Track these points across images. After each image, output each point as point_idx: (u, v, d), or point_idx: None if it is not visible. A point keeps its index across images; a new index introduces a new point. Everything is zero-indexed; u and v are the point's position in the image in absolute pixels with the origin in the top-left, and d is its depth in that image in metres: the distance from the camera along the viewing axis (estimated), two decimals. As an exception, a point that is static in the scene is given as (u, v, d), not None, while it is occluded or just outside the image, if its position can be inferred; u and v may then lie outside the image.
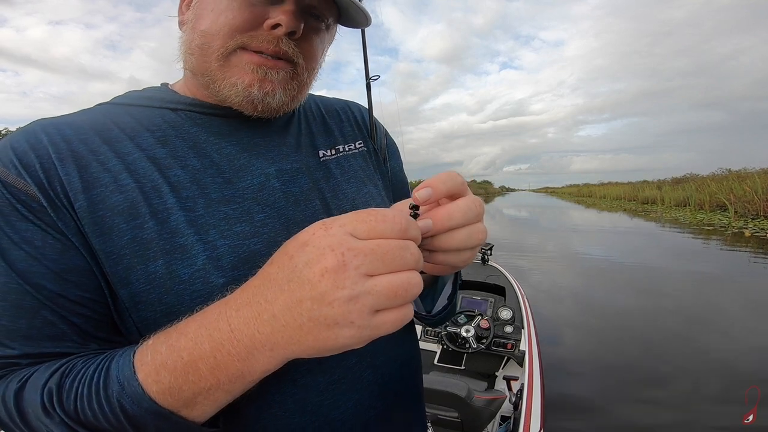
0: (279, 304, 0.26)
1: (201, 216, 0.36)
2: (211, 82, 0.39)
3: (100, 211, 0.34)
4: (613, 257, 7.50)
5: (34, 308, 0.32)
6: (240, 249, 0.36)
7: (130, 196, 0.35)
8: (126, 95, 0.43)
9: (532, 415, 1.59)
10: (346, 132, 0.52)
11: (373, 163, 0.53)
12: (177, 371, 0.28)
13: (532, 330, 2.30)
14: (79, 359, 0.32)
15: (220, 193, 0.38)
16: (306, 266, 0.25)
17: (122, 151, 0.37)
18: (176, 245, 0.34)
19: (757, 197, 12.98)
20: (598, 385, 2.71)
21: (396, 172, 0.57)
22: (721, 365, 2.92)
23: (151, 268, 0.34)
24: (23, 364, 0.32)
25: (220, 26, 0.37)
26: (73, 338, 0.33)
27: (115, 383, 0.29)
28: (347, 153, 0.50)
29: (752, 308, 4.25)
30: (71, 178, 0.34)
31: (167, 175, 0.37)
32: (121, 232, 0.34)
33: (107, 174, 0.35)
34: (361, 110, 0.57)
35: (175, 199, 0.36)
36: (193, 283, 0.34)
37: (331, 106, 0.54)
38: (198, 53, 0.39)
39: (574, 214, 22.14)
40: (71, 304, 0.33)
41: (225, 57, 0.38)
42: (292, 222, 0.40)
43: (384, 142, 0.56)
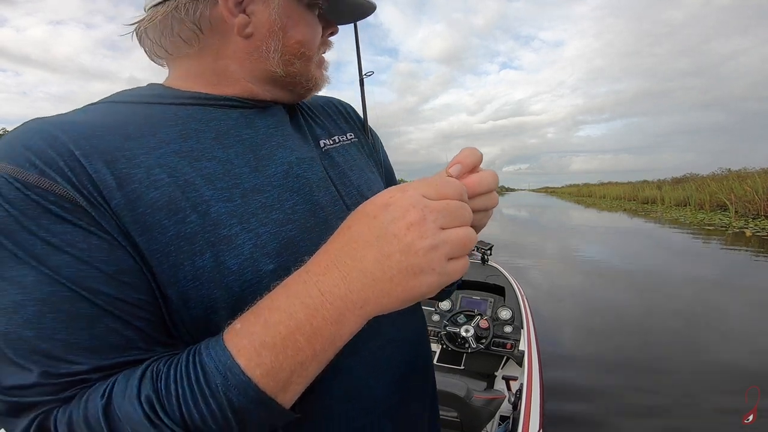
0: (369, 260, 0.28)
1: (239, 206, 0.36)
2: (304, 81, 0.45)
3: (139, 208, 0.32)
4: (614, 257, 7.50)
5: (93, 316, 0.29)
6: (279, 235, 0.37)
7: (167, 191, 0.33)
8: (124, 93, 0.42)
9: (531, 415, 1.59)
10: (336, 124, 0.55)
11: (366, 153, 0.56)
12: (277, 348, 0.28)
13: (531, 330, 2.31)
14: (158, 361, 0.30)
15: (251, 182, 0.38)
16: (392, 223, 0.28)
17: (147, 146, 0.35)
18: (221, 236, 0.34)
19: (758, 197, 12.97)
20: (598, 385, 2.71)
21: (385, 161, 0.62)
22: (721, 365, 2.92)
23: (198, 262, 0.33)
24: (93, 379, 0.29)
25: (312, 37, 0.44)
26: (139, 344, 0.31)
27: (216, 375, 0.27)
28: (343, 143, 0.52)
29: (753, 308, 4.24)
30: (102, 175, 0.31)
31: (198, 168, 0.36)
32: (164, 229, 0.32)
33: (138, 170, 0.33)
34: (343, 104, 0.60)
35: (211, 191, 0.35)
36: (242, 273, 0.34)
37: (316, 102, 0.56)
38: (301, 60, 0.44)
39: (573, 213, 22.14)
40: (131, 307, 0.31)
41: (317, 62, 0.46)
42: (318, 207, 0.42)
43: (372, 135, 0.60)
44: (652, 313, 4.19)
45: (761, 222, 11.17)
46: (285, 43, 0.42)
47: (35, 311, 0.28)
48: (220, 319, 0.33)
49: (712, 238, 9.26)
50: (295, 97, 0.48)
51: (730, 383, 2.62)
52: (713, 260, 6.93)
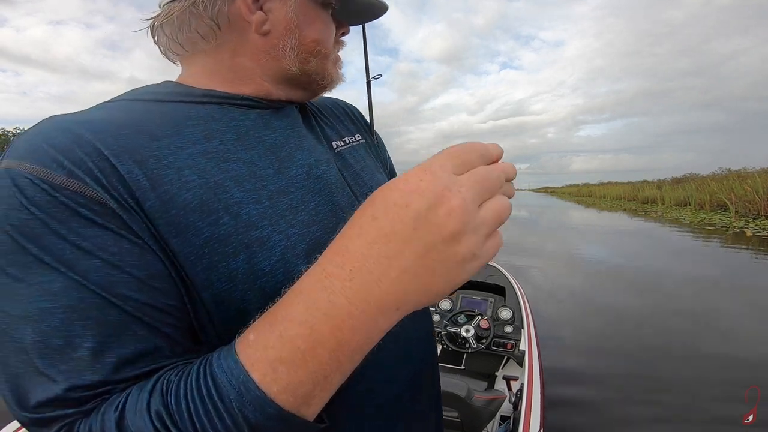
0: (408, 256, 0.24)
1: (268, 207, 0.36)
2: (320, 79, 0.46)
3: (173, 210, 0.31)
4: (614, 257, 7.50)
5: (122, 323, 0.28)
6: (307, 236, 0.37)
7: (198, 192, 0.33)
8: (138, 91, 0.40)
9: (532, 415, 1.59)
10: (344, 126, 0.55)
11: (373, 153, 0.57)
12: (296, 363, 0.25)
13: (531, 330, 2.30)
14: (168, 372, 0.28)
15: (276, 184, 0.38)
16: (429, 211, 0.24)
17: (174, 145, 0.34)
18: (254, 238, 0.34)
19: (758, 197, 12.97)
20: (598, 385, 2.71)
21: (388, 162, 0.63)
22: (721, 365, 2.92)
23: (232, 264, 0.32)
24: (120, 389, 0.27)
25: (328, 36, 0.45)
26: (166, 352, 0.30)
27: (230, 390, 0.25)
28: (353, 144, 0.53)
29: (754, 308, 4.24)
30: (134, 175, 0.30)
31: (225, 169, 0.35)
32: (198, 231, 0.31)
33: (169, 170, 0.32)
34: (349, 106, 0.61)
35: (241, 193, 0.35)
36: (274, 274, 0.34)
37: (324, 103, 0.57)
38: (318, 58, 0.44)
39: (573, 213, 22.13)
40: (160, 313, 0.30)
41: (333, 60, 0.47)
42: (338, 207, 0.42)
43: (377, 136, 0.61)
44: (652, 313, 4.19)
45: (761, 222, 11.16)
46: (301, 41, 0.43)
47: (63, 318, 0.26)
48: (250, 320, 0.31)
49: (712, 238, 9.26)
50: (309, 95, 0.48)
51: (730, 383, 2.62)
52: (714, 260, 6.93)
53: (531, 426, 1.53)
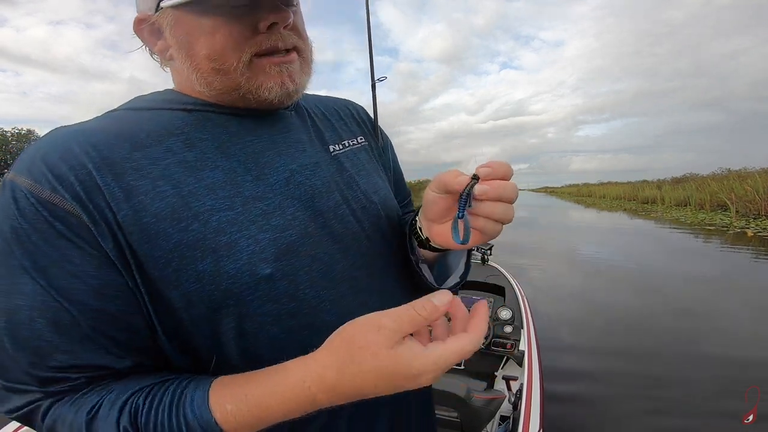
0: (379, 388, 0.31)
1: (240, 213, 0.38)
2: (247, 93, 0.41)
3: (144, 218, 0.35)
4: (614, 257, 7.50)
5: (73, 324, 0.34)
6: (279, 241, 0.39)
7: (170, 201, 0.36)
8: (136, 100, 0.44)
9: (532, 415, 1.59)
10: (347, 128, 0.55)
11: (375, 156, 0.57)
12: (253, 424, 0.33)
13: (531, 330, 2.30)
14: (137, 395, 0.34)
15: (252, 190, 0.40)
16: (415, 379, 0.31)
17: (154, 156, 0.38)
18: (221, 243, 0.36)
19: (759, 197, 12.96)
20: (598, 385, 2.71)
21: (394, 164, 0.62)
22: (721, 365, 2.92)
23: (199, 267, 0.36)
24: (72, 377, 0.34)
25: (224, 44, 0.38)
26: (113, 351, 0.36)
27: (198, 429, 0.32)
28: (353, 147, 0.53)
29: (756, 308, 4.24)
30: (111, 188, 0.34)
31: (201, 177, 0.38)
32: (167, 236, 0.35)
33: (145, 181, 0.36)
34: (357, 107, 0.60)
35: (213, 201, 0.38)
36: (240, 276, 0.37)
37: (330, 105, 0.57)
38: (219, 75, 0.40)
39: (573, 213, 22.13)
40: (110, 317, 0.35)
41: (247, 69, 0.40)
42: (318, 213, 0.44)
43: (382, 137, 0.60)
44: (653, 313, 4.19)
45: (762, 222, 11.15)
46: (195, 62, 0.39)
47: (29, 315, 0.33)
48: (221, 317, 0.37)
49: (714, 238, 9.25)
50: (271, 107, 0.45)
51: (730, 383, 2.62)
52: (716, 260, 6.91)
53: (530, 426, 1.53)
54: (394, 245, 0.52)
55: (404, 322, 0.30)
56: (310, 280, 0.41)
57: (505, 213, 0.37)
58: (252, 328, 0.38)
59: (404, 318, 0.30)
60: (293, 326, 0.40)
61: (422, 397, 0.56)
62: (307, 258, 0.41)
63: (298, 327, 0.40)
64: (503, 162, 0.36)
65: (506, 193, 0.36)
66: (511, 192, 0.36)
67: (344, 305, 0.43)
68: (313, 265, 0.41)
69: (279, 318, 0.39)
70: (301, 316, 0.40)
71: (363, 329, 0.31)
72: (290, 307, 0.39)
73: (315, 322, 0.41)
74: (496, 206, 0.36)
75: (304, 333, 0.40)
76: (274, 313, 0.39)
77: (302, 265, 0.40)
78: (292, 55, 0.42)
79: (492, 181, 0.35)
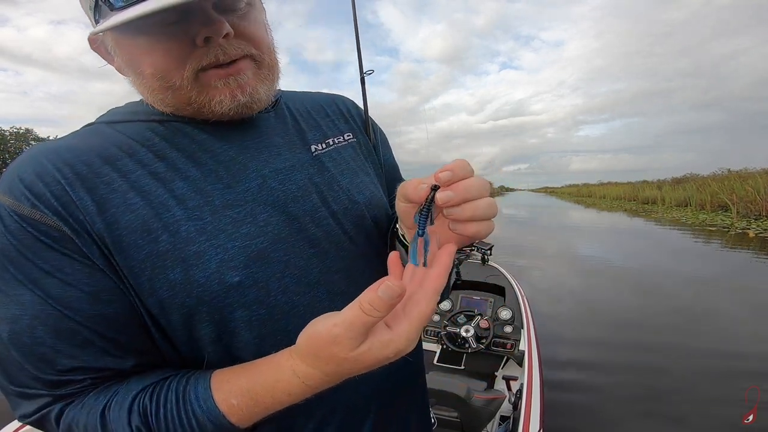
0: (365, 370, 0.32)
1: (209, 223, 0.39)
2: (200, 107, 0.40)
3: (116, 231, 0.36)
4: (614, 257, 7.49)
5: (73, 329, 0.35)
6: (249, 249, 0.39)
7: (141, 213, 0.37)
8: (110, 113, 0.45)
9: (532, 415, 1.59)
10: (334, 125, 0.54)
11: (364, 153, 0.55)
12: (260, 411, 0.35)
13: (531, 330, 2.30)
14: (144, 395, 0.36)
15: (222, 198, 0.40)
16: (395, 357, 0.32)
17: (124, 169, 0.38)
18: (190, 253, 0.37)
19: (760, 197, 12.94)
20: (598, 386, 2.71)
21: (387, 158, 0.60)
22: (721, 365, 2.92)
23: (170, 276, 0.37)
24: (77, 379, 0.36)
25: (164, 63, 0.37)
26: (113, 352, 0.37)
27: (206, 423, 0.34)
28: (338, 145, 0.52)
29: (757, 309, 4.23)
30: (84, 202, 0.36)
31: (171, 189, 0.39)
32: (138, 248, 0.36)
33: (116, 194, 0.37)
34: (346, 102, 0.58)
35: (182, 211, 0.38)
36: (210, 285, 0.37)
37: (316, 102, 0.55)
38: (169, 93, 0.39)
39: (573, 213, 22.12)
40: (107, 321, 0.36)
41: (195, 83, 0.39)
42: (293, 218, 0.43)
43: (374, 132, 0.58)
44: (654, 313, 4.19)
45: (764, 222, 11.13)
46: (144, 80, 0.39)
47: (29, 324, 0.34)
48: (196, 323, 0.38)
49: (715, 238, 9.23)
50: (245, 113, 0.42)
51: (730, 383, 2.62)
52: (718, 261, 6.90)
53: (531, 426, 1.53)
54: (380, 246, 0.51)
55: (356, 328, 0.29)
56: (283, 286, 0.41)
57: (489, 207, 0.34)
58: (227, 333, 0.39)
59: (356, 324, 0.29)
60: (267, 332, 0.40)
61: (417, 402, 0.56)
62: (280, 264, 0.41)
63: (271, 332, 0.41)
64: (461, 160, 0.34)
65: (473, 191, 0.33)
66: (478, 188, 0.33)
67: (320, 309, 0.41)
68: (285, 271, 0.41)
69: (251, 324, 0.40)
70: (273, 322, 0.41)
71: (320, 343, 0.31)
72: (261, 313, 0.40)
73: (289, 327, 0.41)
74: (477, 205, 0.33)
75: (278, 338, 0.41)
76: (246, 319, 0.39)
77: (274, 271, 0.41)
78: (240, 64, 0.39)
79: (455, 185, 0.33)
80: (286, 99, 0.53)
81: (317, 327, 0.31)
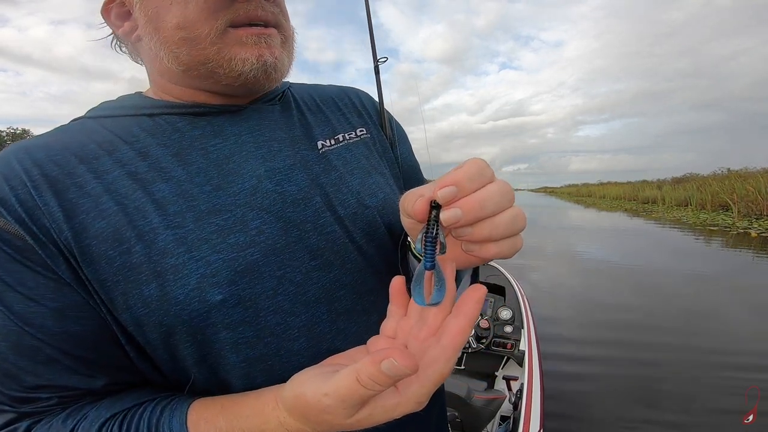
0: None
1: (191, 231, 0.34)
2: (216, 67, 0.37)
3: (85, 240, 0.33)
4: (615, 258, 7.49)
5: (36, 347, 0.33)
6: (236, 262, 0.35)
7: (113, 220, 0.33)
8: (99, 107, 0.42)
9: (532, 415, 1.59)
10: (345, 119, 0.49)
11: (378, 150, 0.49)
12: None
13: (531, 330, 2.31)
14: (113, 423, 0.33)
15: (209, 203, 0.36)
16: (402, 414, 0.28)
17: (101, 169, 0.35)
18: (167, 266, 0.33)
19: (761, 197, 12.93)
20: (598, 385, 2.71)
21: (405, 156, 0.53)
22: (721, 365, 2.92)
23: (145, 292, 0.33)
24: (43, 397, 0.34)
25: (198, 12, 0.35)
26: (81, 371, 0.34)
27: None
28: (349, 142, 0.47)
29: (758, 309, 4.23)
30: (51, 207, 0.32)
31: (151, 192, 0.35)
32: (110, 260, 0.33)
33: (87, 199, 0.34)
34: (359, 95, 0.53)
35: (161, 218, 0.34)
36: (189, 303, 0.33)
37: (326, 95, 0.51)
38: (187, 47, 0.36)
39: (573, 213, 22.10)
40: (72, 338, 0.33)
41: (219, 39, 0.36)
42: (291, 224, 0.38)
43: (391, 126, 0.52)
44: (653, 313, 4.18)
45: (765, 222, 11.12)
46: (164, 34, 0.36)
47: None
48: (177, 342, 0.35)
49: (717, 238, 9.22)
50: (244, 92, 0.40)
51: (730, 383, 2.62)
52: (720, 261, 6.88)
53: (531, 426, 1.53)
54: (394, 257, 0.46)
55: (351, 401, 0.25)
56: (275, 305, 0.36)
57: (513, 222, 0.27)
58: (212, 355, 0.36)
59: (351, 398, 0.25)
60: (255, 355, 0.36)
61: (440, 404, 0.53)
62: (272, 279, 0.36)
63: (261, 356, 0.36)
64: (474, 161, 0.26)
65: (489, 205, 0.26)
66: (496, 201, 0.26)
67: (318, 331, 0.39)
68: (279, 288, 0.37)
69: (237, 346, 0.35)
70: (263, 345, 0.36)
71: (309, 409, 0.27)
72: (249, 335, 0.36)
73: (281, 351, 0.37)
74: (495, 223, 0.26)
75: (268, 362, 0.37)
76: (232, 341, 0.35)
77: (265, 288, 0.36)
78: (271, 29, 0.38)
79: (465, 200, 0.25)
80: (295, 91, 0.49)
81: (305, 390, 0.27)
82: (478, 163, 0.27)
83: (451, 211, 0.25)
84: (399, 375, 0.23)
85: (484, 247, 0.27)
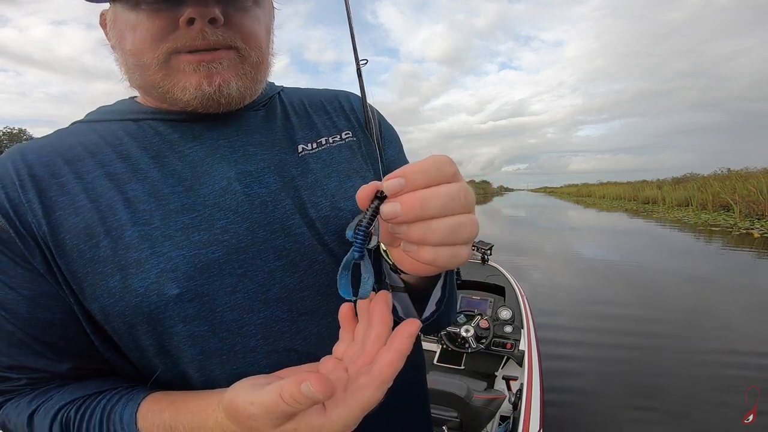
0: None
1: (156, 228, 0.37)
2: (165, 93, 0.38)
3: (60, 234, 0.36)
4: (615, 258, 7.48)
5: (10, 331, 0.37)
6: (196, 258, 0.37)
7: (86, 216, 0.36)
8: (96, 111, 0.45)
9: (532, 415, 1.59)
10: (332, 123, 0.49)
11: (363, 153, 0.49)
12: None
13: (531, 330, 2.30)
14: (71, 407, 0.37)
15: (179, 202, 0.38)
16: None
17: (82, 170, 0.38)
18: (131, 260, 0.36)
19: (763, 197, 12.91)
20: (598, 385, 2.71)
21: (393, 159, 0.52)
22: (721, 365, 2.92)
23: (110, 283, 0.36)
24: (14, 377, 0.38)
25: (141, 40, 0.36)
26: (49, 356, 0.38)
27: None
28: (331, 145, 0.47)
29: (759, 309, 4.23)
30: (33, 204, 0.36)
31: (124, 191, 0.38)
32: (81, 252, 0.36)
33: (66, 197, 0.37)
34: (350, 98, 0.53)
35: (129, 215, 0.37)
36: (148, 295, 0.36)
37: (316, 98, 0.51)
38: (139, 72, 0.38)
39: (573, 213, 22.10)
40: (42, 325, 0.37)
41: (164, 66, 0.37)
42: (257, 225, 0.39)
43: (378, 129, 0.51)
44: (655, 314, 4.18)
45: (767, 222, 11.10)
46: (123, 57, 0.39)
47: None
48: (139, 333, 0.37)
49: (719, 239, 9.20)
50: (212, 106, 0.39)
51: (731, 383, 2.62)
52: (722, 261, 6.87)
53: (531, 426, 1.53)
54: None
55: (275, 414, 0.26)
56: (232, 302, 0.38)
57: (452, 231, 0.25)
58: (171, 347, 0.38)
59: (274, 411, 0.25)
60: (211, 349, 0.38)
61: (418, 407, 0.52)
62: (233, 277, 0.38)
63: (216, 350, 0.38)
64: (434, 157, 0.26)
65: (433, 205, 0.24)
66: (442, 203, 0.25)
67: (276, 330, 0.39)
68: (238, 285, 0.38)
69: (193, 339, 0.37)
70: (218, 340, 0.38)
71: (238, 415, 0.28)
72: (203, 329, 0.37)
73: (236, 347, 0.38)
74: (431, 227, 0.25)
75: (223, 357, 0.38)
76: (187, 334, 0.37)
77: (224, 285, 0.37)
78: (219, 53, 0.37)
79: (407, 196, 0.24)
80: (285, 96, 0.50)
81: (237, 396, 0.28)
82: (439, 159, 0.26)
83: (389, 205, 0.25)
84: (315, 398, 0.24)
85: (421, 249, 0.26)
